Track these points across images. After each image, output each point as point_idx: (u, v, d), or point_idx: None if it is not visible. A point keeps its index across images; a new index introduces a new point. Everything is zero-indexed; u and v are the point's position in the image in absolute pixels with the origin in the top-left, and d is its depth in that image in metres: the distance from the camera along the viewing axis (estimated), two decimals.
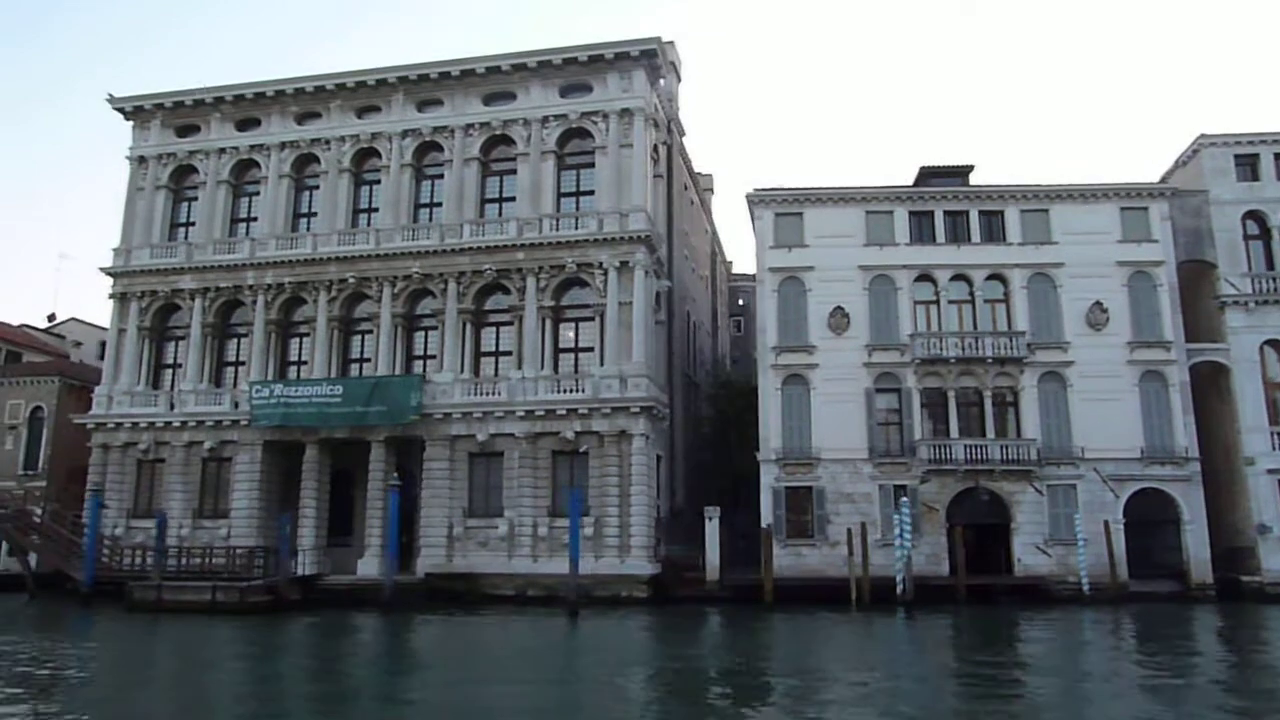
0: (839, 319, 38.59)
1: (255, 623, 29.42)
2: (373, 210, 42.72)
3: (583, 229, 39.10)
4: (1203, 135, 39.52)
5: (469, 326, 39.85)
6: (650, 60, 40.10)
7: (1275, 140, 39.01)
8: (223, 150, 44.30)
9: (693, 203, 52.93)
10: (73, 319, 63.60)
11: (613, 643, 26.43)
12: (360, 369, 41.13)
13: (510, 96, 41.53)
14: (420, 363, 40.66)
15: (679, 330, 46.23)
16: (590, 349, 38.92)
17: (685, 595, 35.12)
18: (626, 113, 39.94)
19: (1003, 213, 39.30)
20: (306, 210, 43.59)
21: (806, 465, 37.42)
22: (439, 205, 41.86)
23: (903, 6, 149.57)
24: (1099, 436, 36.61)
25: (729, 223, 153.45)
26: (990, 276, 38.82)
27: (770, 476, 37.58)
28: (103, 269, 44.00)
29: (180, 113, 45.03)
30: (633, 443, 36.58)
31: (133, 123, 45.79)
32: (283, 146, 43.55)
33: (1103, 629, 28.25)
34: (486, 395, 38.38)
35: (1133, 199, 39.01)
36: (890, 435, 37.82)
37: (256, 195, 44.16)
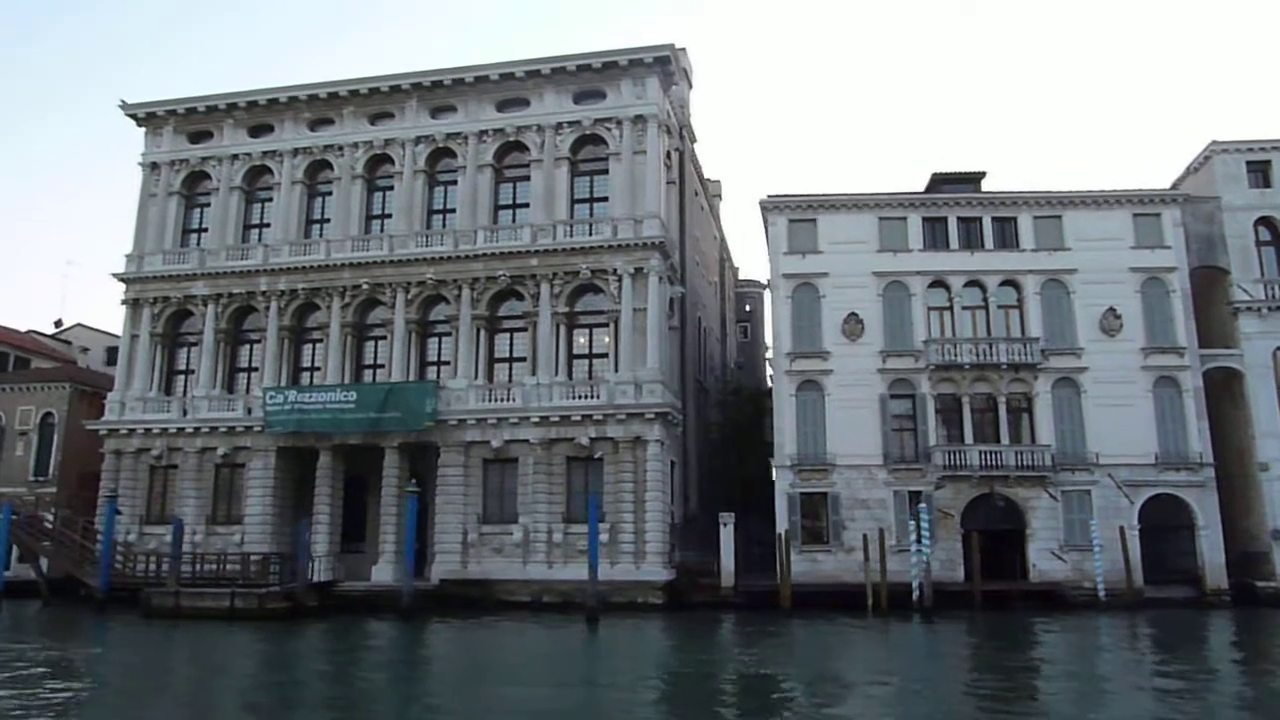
0: (853, 325, 38.67)
1: (274, 629, 29.35)
2: (386, 216, 42.73)
3: (597, 235, 39.16)
4: (1214, 141, 39.66)
5: (483, 332, 39.88)
6: (664, 67, 40.21)
7: None
8: (235, 156, 44.34)
9: (703, 209, 53.05)
10: (79, 325, 63.72)
11: (632, 649, 26.42)
12: (374, 375, 41.13)
13: (524, 103, 41.62)
14: (434, 369, 40.62)
15: (691, 336, 46.27)
16: (604, 355, 38.94)
17: (700, 601, 35.10)
18: (640, 119, 40.02)
19: (1016, 219, 39.48)
20: (319, 216, 43.63)
21: (821, 471, 37.47)
22: (452, 211, 41.90)
23: (916, 14, 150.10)
24: (1113, 442, 36.71)
25: (734, 229, 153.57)
26: (1004, 282, 38.96)
27: (785, 482, 37.66)
28: (115, 275, 44.04)
29: (193, 119, 45.11)
30: (647, 449, 36.59)
31: (145, 129, 45.86)
32: (295, 152, 43.60)
33: (1119, 635, 28.28)
34: (501, 401, 38.42)
35: (1145, 205, 39.19)
36: (905, 441, 37.89)
37: (269, 201, 44.17)
